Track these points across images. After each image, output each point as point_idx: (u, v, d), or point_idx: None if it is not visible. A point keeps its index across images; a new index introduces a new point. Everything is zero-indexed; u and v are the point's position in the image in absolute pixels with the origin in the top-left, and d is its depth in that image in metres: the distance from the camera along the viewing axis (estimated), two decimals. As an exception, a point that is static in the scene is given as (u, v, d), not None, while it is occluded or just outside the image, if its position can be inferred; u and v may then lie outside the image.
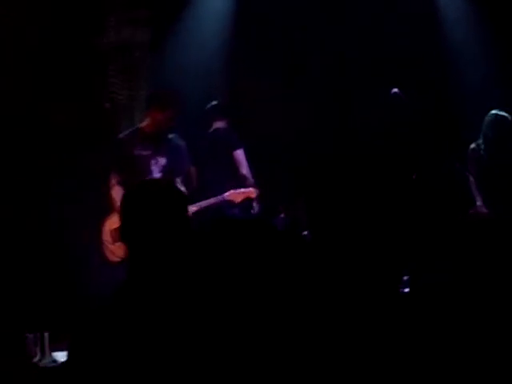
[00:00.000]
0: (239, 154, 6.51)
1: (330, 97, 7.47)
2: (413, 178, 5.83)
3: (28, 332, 5.22)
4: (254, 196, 6.02)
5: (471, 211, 6.12)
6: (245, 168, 6.47)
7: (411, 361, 1.89)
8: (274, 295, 2.06)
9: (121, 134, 6.10)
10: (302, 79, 7.57)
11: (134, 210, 2.41)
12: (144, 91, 7.11)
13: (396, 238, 1.99)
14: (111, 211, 5.80)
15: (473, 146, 6.35)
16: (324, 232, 1.98)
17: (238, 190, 5.99)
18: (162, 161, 5.87)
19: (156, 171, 5.85)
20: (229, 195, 5.94)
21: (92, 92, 7.14)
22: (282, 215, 6.15)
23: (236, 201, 5.95)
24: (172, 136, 5.94)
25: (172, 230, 2.37)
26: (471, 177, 6.31)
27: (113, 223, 5.73)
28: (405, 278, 3.30)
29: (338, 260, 1.96)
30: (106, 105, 7.24)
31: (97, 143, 6.65)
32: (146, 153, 5.85)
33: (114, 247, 5.75)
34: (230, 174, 6.42)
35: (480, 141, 6.32)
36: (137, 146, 5.85)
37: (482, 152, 6.29)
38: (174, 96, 5.95)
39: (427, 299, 2.17)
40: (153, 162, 5.85)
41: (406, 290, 3.01)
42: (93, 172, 6.36)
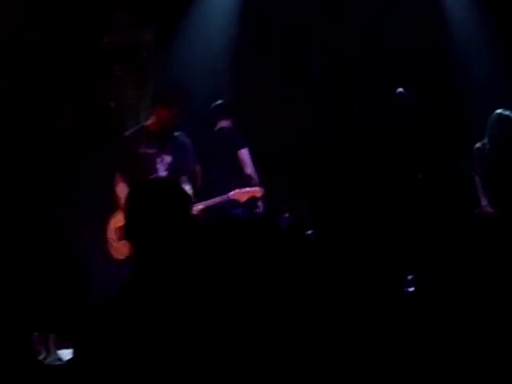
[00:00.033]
0: (244, 153, 6.50)
1: (330, 97, 7.46)
2: (418, 177, 5.83)
3: (34, 331, 5.24)
4: (259, 195, 6.00)
5: (476, 211, 6.11)
6: (249, 167, 6.46)
7: (415, 358, 1.90)
8: (279, 294, 2.06)
9: (126, 132, 6.08)
10: (302, 79, 7.56)
11: (138, 209, 2.41)
12: (150, 90, 7.11)
13: (400, 238, 1.99)
14: (116, 209, 5.81)
15: (478, 145, 6.34)
16: (328, 231, 1.99)
17: (243, 189, 5.98)
18: (167, 159, 5.84)
19: (162, 169, 5.83)
20: (234, 194, 5.93)
21: (95, 92, 7.15)
22: (287, 215, 6.15)
23: (241, 200, 5.94)
24: (178, 134, 5.92)
25: (176, 228, 2.38)
26: (476, 176, 6.30)
27: (118, 221, 5.73)
28: (409, 277, 3.30)
29: (343, 259, 1.97)
30: (111, 104, 7.24)
31: (101, 143, 6.66)
32: (152, 151, 5.83)
33: (119, 245, 5.75)
34: (235, 174, 6.41)
35: (485, 140, 6.31)
36: (142, 144, 5.84)
37: (487, 151, 6.28)
38: (179, 94, 5.95)
39: (432, 298, 2.17)
40: (158, 160, 5.83)
41: (411, 289, 3.02)
42: (94, 171, 6.37)
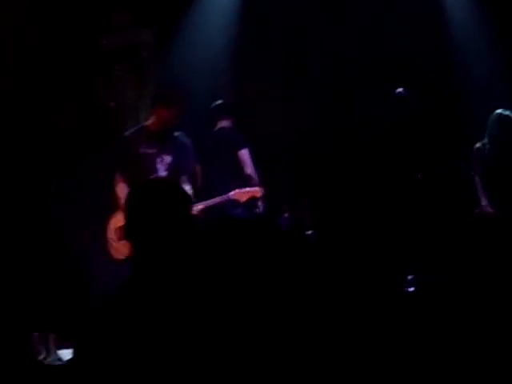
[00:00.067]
0: (244, 153, 6.50)
1: (330, 97, 7.46)
2: (418, 177, 5.83)
3: (34, 331, 5.24)
4: (259, 195, 6.00)
5: (476, 211, 6.11)
6: (249, 167, 6.46)
7: (416, 358, 1.90)
8: (279, 294, 2.06)
9: (126, 132, 6.08)
10: (302, 79, 7.56)
11: (138, 209, 2.41)
12: (150, 90, 7.11)
13: (400, 238, 1.99)
14: (116, 209, 5.81)
15: (478, 145, 6.34)
16: (328, 231, 1.99)
17: (243, 189, 5.98)
18: (167, 159, 5.84)
19: (162, 169, 5.83)
20: (234, 194, 5.93)
21: (95, 92, 7.15)
22: (287, 215, 6.15)
23: (241, 200, 5.93)
24: (178, 134, 5.91)
25: (176, 228, 2.38)
26: (476, 176, 6.30)
27: (118, 221, 5.73)
28: (409, 277, 3.30)
29: (343, 259, 1.97)
30: (111, 104, 7.24)
31: (101, 143, 6.66)
32: (152, 151, 5.83)
33: (119, 245, 5.75)
34: (235, 174, 6.41)
35: (485, 140, 6.31)
36: (142, 144, 5.84)
37: (487, 151, 6.28)
38: (179, 93, 5.95)
39: (432, 298, 2.17)
40: (158, 160, 5.83)
41: (411, 289, 3.02)
42: (94, 171, 6.37)
